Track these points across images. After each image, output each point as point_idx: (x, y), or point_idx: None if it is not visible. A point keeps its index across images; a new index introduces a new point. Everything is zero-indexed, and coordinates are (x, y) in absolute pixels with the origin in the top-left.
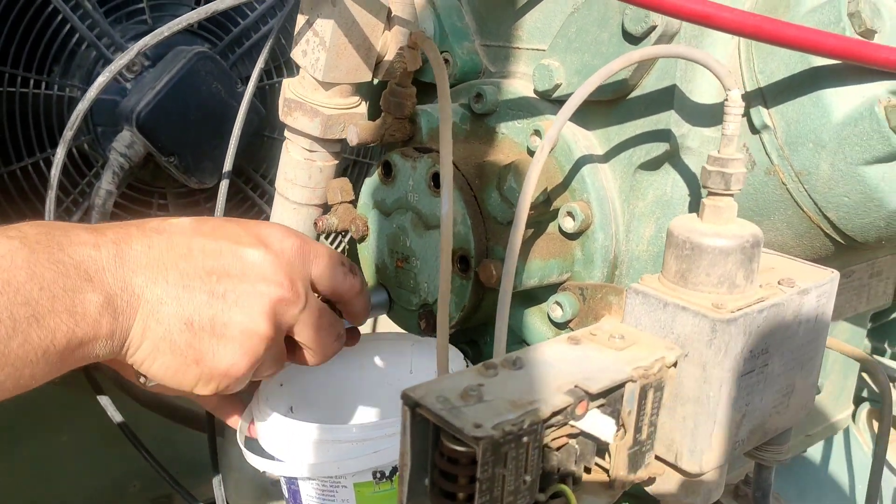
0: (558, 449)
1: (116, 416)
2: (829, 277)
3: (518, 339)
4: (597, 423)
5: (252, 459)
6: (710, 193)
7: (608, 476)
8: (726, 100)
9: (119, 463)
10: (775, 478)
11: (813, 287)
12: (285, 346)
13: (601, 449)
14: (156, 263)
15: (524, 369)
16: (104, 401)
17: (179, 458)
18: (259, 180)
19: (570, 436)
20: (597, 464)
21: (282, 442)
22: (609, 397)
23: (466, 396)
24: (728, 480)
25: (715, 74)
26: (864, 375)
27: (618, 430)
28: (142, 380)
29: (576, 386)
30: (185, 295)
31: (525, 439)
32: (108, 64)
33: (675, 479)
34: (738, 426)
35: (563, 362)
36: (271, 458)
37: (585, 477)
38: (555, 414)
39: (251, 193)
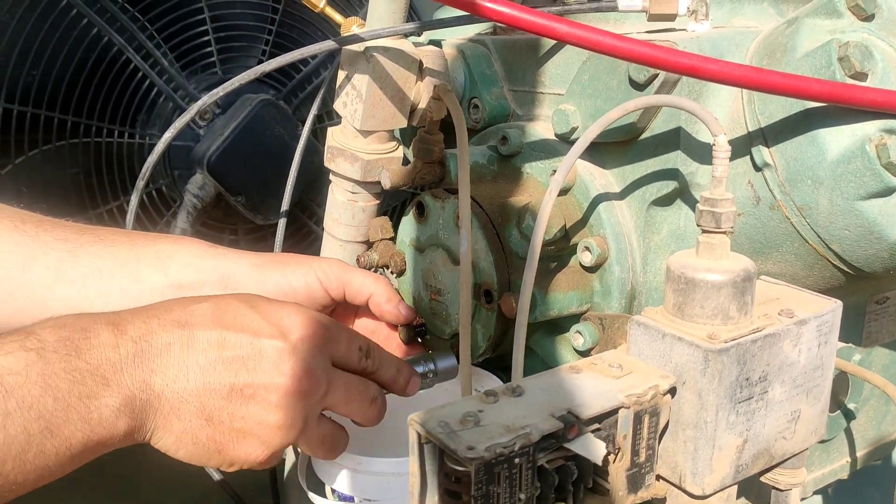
0: (556, 470)
1: None
2: (830, 308)
3: (546, 367)
4: (587, 446)
5: (315, 499)
6: (704, 231)
7: (610, 496)
8: (714, 145)
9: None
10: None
11: (812, 317)
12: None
13: (604, 470)
14: (176, 361)
15: (523, 396)
16: None
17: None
18: (321, 213)
19: (567, 458)
20: (600, 484)
21: (343, 477)
22: (604, 422)
23: (465, 421)
24: None
25: (702, 121)
26: None
27: (612, 453)
28: None
29: (568, 411)
30: (204, 392)
31: (517, 461)
32: (183, 113)
33: (683, 501)
34: (739, 450)
35: (560, 389)
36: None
37: (587, 496)
38: (546, 437)
39: (314, 227)
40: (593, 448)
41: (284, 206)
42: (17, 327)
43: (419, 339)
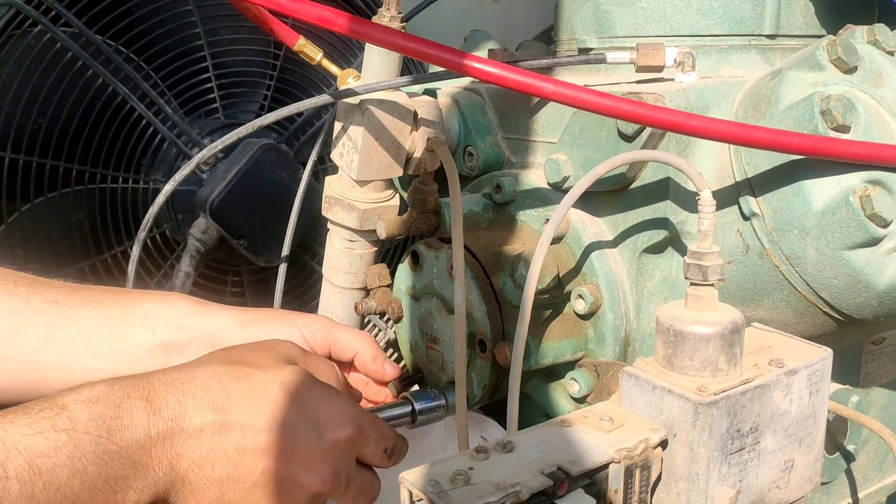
0: None
1: None
2: (820, 356)
3: (543, 413)
4: (577, 502)
5: None
6: (692, 284)
7: None
8: (698, 199)
9: None
10: None
11: (802, 367)
12: None
13: None
14: (206, 448)
15: (514, 452)
16: None
17: None
18: (323, 254)
19: None
20: None
21: None
22: (595, 477)
23: (455, 480)
24: None
25: (687, 176)
26: None
27: None
28: None
29: (558, 468)
30: (228, 482)
31: None
32: (186, 158)
33: None
34: (733, 502)
35: (550, 445)
36: None
37: None
38: (535, 495)
39: (316, 267)
40: None
41: (285, 250)
42: (41, 397)
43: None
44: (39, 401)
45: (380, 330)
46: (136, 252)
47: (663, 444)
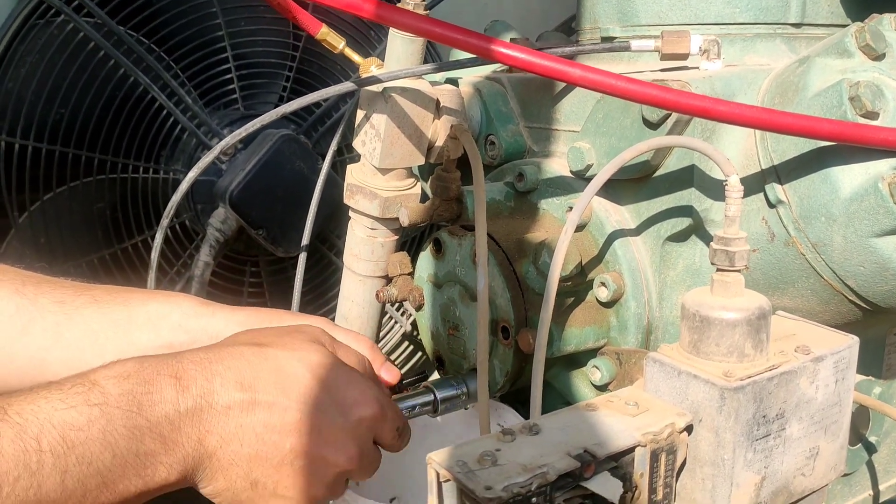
0: None
1: None
2: (847, 344)
3: (564, 401)
4: (604, 484)
5: None
6: (718, 269)
7: None
8: (726, 184)
9: None
10: None
11: (828, 354)
12: None
13: None
14: (234, 425)
15: (540, 434)
16: None
17: None
18: (341, 246)
19: (584, 496)
20: None
21: None
22: (620, 461)
23: (482, 460)
24: None
25: (714, 161)
26: None
27: (629, 492)
28: None
29: (585, 450)
30: (256, 459)
31: (535, 500)
32: (206, 149)
33: None
34: (758, 488)
35: (576, 428)
36: None
37: None
38: (563, 476)
39: (334, 259)
40: (610, 487)
41: (305, 239)
42: (73, 374)
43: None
44: (70, 377)
45: (396, 322)
46: (158, 239)
47: (689, 429)
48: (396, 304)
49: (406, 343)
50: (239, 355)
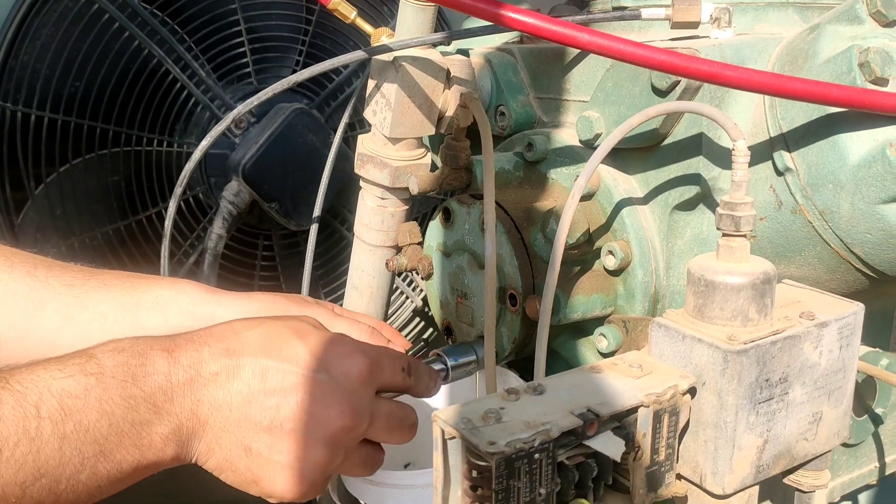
0: (576, 466)
1: None
2: (852, 310)
3: (570, 368)
4: (606, 443)
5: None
6: (724, 234)
7: (630, 493)
8: (733, 149)
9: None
10: None
11: (833, 320)
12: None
13: (623, 468)
14: (222, 391)
15: (544, 394)
16: None
17: None
18: (352, 220)
19: (587, 455)
20: (619, 482)
21: (377, 493)
22: (623, 421)
23: (486, 418)
24: None
25: (722, 127)
26: None
27: (631, 451)
28: None
29: (588, 409)
30: (245, 423)
31: (537, 456)
32: (219, 122)
33: (705, 500)
34: (760, 451)
35: (580, 388)
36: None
37: (607, 493)
38: (565, 434)
39: (345, 232)
40: (612, 445)
41: (316, 211)
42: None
43: None
44: (70, 353)
45: (407, 297)
46: (172, 208)
47: (692, 391)
48: (407, 280)
49: (417, 318)
50: (228, 328)
